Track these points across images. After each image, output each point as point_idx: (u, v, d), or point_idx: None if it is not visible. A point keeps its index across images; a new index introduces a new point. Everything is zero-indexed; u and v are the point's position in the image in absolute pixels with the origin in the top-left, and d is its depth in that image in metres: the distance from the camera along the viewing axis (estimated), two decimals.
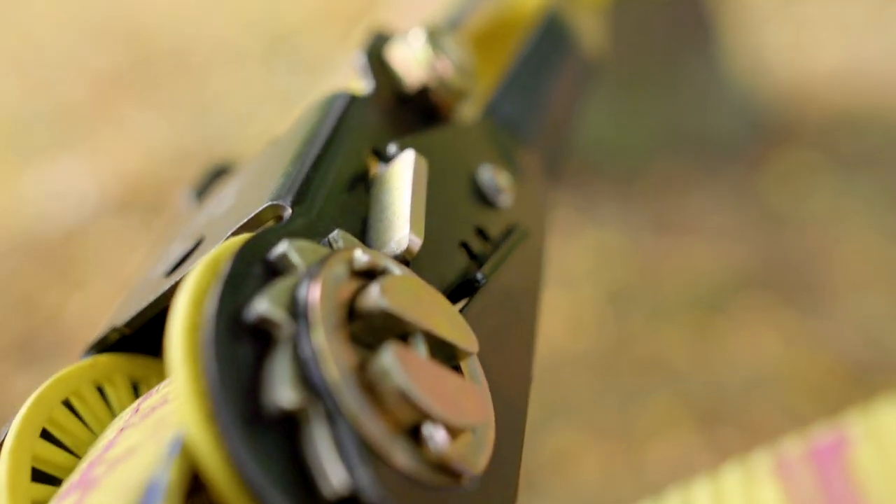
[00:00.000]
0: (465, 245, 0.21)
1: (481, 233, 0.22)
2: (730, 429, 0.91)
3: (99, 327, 0.22)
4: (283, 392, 0.14)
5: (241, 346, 0.15)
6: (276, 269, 0.16)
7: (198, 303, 0.15)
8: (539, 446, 0.89)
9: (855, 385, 0.93)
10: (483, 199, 0.23)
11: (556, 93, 0.29)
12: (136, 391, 0.21)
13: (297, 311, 0.15)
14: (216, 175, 0.27)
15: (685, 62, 1.23)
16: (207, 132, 1.39)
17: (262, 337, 0.15)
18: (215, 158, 0.28)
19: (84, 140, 1.40)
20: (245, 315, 0.15)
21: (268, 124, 1.26)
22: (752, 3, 1.48)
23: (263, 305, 0.15)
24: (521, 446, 0.19)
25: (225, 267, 0.15)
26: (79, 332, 1.13)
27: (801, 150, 1.26)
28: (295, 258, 0.16)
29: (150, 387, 0.21)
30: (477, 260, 0.21)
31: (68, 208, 1.23)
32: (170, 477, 0.13)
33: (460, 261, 0.21)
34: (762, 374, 0.96)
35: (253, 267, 0.16)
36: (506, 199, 0.23)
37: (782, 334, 1.00)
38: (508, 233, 0.23)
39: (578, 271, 1.09)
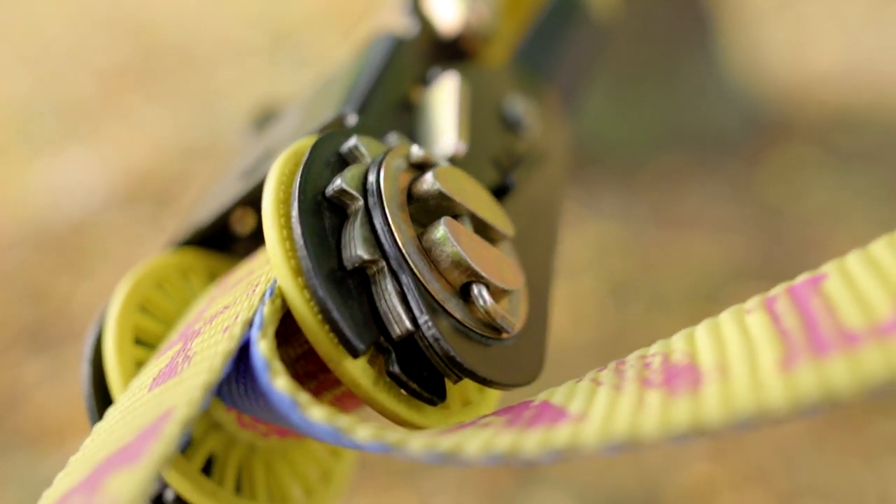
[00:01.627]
0: (496, 162, 0.24)
1: (510, 153, 0.25)
2: None
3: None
4: (359, 249, 0.17)
5: (320, 217, 0.18)
6: (346, 161, 0.20)
7: (284, 183, 0.18)
8: None
9: None
10: (510, 126, 0.26)
11: (572, 45, 0.32)
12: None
13: (366, 191, 0.18)
14: (269, 115, 0.29)
15: (685, 58, 1.25)
16: (212, 126, 1.40)
17: (336, 211, 0.18)
18: (220, 152, 0.31)
19: (91, 133, 1.41)
20: (326, 191, 0.18)
21: None
22: (751, 1, 1.50)
23: (341, 183, 0.18)
24: (547, 325, 0.22)
25: (306, 155, 0.19)
26: (87, 321, 1.13)
27: (799, 145, 1.28)
28: (363, 150, 0.20)
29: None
30: (507, 174, 0.24)
31: (76, 200, 1.25)
32: (266, 311, 0.16)
33: (492, 174, 0.24)
34: None
35: (328, 156, 0.19)
36: (531, 127, 0.26)
37: None
38: (534, 154, 0.26)
39: (579, 263, 1.11)
